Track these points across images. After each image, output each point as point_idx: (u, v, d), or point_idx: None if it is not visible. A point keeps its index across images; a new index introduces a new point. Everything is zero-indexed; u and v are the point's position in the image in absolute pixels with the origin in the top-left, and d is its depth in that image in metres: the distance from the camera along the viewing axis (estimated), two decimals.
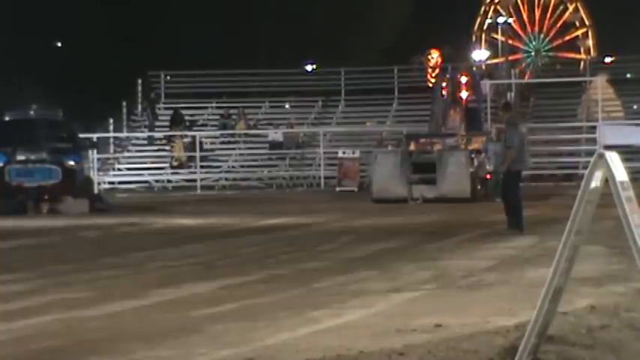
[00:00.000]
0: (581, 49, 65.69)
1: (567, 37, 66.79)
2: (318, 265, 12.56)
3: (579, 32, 66.39)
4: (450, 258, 13.16)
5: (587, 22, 66.14)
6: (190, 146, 40.34)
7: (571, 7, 66.43)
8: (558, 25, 66.84)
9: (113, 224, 20.56)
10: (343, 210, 25.02)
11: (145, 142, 43.35)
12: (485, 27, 65.33)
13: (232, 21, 55.22)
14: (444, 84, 32.82)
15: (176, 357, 6.84)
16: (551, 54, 66.49)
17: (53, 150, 25.63)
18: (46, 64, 49.54)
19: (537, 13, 67.09)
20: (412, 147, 28.73)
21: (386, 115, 43.91)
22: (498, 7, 64.66)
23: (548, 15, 66.95)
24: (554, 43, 67.01)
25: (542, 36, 67.18)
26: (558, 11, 66.71)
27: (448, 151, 27.96)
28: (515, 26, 65.61)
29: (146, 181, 39.95)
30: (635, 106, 43.74)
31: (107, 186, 38.42)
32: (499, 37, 58.46)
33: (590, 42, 65.76)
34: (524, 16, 66.90)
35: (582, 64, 56.40)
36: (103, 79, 49.99)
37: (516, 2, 66.45)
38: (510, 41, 60.73)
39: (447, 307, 8.71)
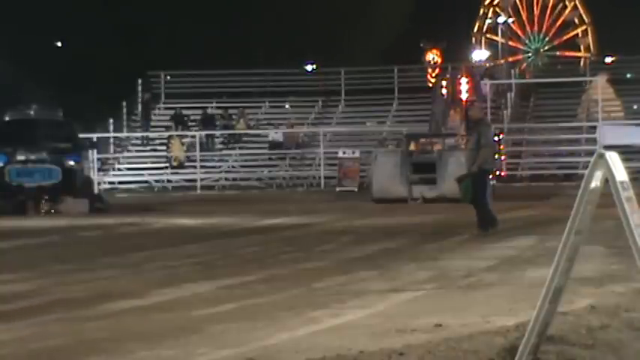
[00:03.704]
0: (581, 47, 65.76)
1: (567, 36, 66.86)
2: (318, 265, 12.55)
3: (579, 30, 66.45)
4: (450, 258, 13.15)
5: (586, 20, 66.20)
6: (208, 143, 40.59)
7: (570, 5, 66.47)
8: (557, 24, 66.91)
9: (113, 224, 20.56)
10: (343, 210, 25.02)
11: (145, 142, 43.39)
12: (484, 29, 65.35)
13: (232, 21, 55.25)
14: (444, 84, 32.83)
15: (176, 357, 6.84)
16: (550, 53, 66.53)
17: (53, 150, 25.63)
18: (46, 64, 49.57)
19: (536, 13, 67.12)
20: (412, 147, 28.75)
21: (386, 115, 43.94)
22: (497, 9, 64.67)
23: (547, 14, 66.99)
24: (554, 42, 67.07)
25: (541, 35, 67.21)
26: (557, 10, 66.76)
27: (448, 151, 27.97)
28: (515, 26, 65.63)
29: (146, 181, 39.96)
30: (635, 106, 43.75)
31: (107, 186, 38.44)
32: (499, 38, 58.44)
33: (589, 39, 65.82)
34: (524, 16, 66.93)
35: (582, 61, 56.40)
36: (103, 79, 50.02)
37: (515, 2, 66.47)
38: (510, 42, 60.74)
39: (447, 307, 8.71)
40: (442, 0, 61.33)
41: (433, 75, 41.65)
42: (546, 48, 67.17)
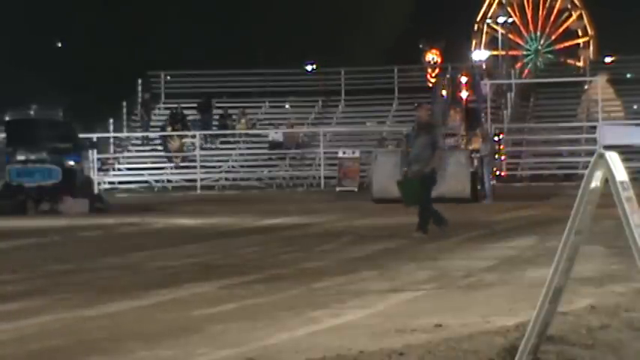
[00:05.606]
0: (581, 58, 65.82)
1: (568, 44, 66.92)
2: (318, 265, 12.55)
3: (580, 41, 66.52)
4: (450, 258, 13.15)
5: (589, 32, 66.25)
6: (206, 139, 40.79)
7: (575, 15, 66.54)
8: (560, 30, 66.98)
9: (113, 224, 20.55)
10: (343, 210, 25.01)
11: (145, 142, 43.41)
12: (485, 29, 65.36)
13: (232, 21, 55.26)
14: (444, 84, 32.83)
15: (176, 357, 6.84)
16: (551, 56, 66.61)
17: (53, 150, 25.65)
18: (46, 64, 49.57)
19: (541, 16, 67.18)
20: None
21: (386, 115, 43.93)
22: (502, 1, 64.55)
23: (552, 19, 67.05)
24: (555, 47, 67.14)
25: (543, 36, 67.25)
26: (562, 17, 66.83)
27: (448, 151, 27.94)
28: (516, 26, 65.65)
29: (146, 181, 39.96)
30: (635, 106, 43.77)
31: (107, 186, 38.43)
32: (499, 38, 58.44)
33: (590, 52, 65.88)
34: (528, 16, 66.97)
35: (578, 70, 56.41)
36: (103, 79, 50.02)
37: (522, 2, 66.50)
38: (511, 47, 60.79)
39: (447, 307, 8.71)
40: (442, 0, 61.34)
41: (433, 75, 41.69)
42: (547, 50, 67.18)
